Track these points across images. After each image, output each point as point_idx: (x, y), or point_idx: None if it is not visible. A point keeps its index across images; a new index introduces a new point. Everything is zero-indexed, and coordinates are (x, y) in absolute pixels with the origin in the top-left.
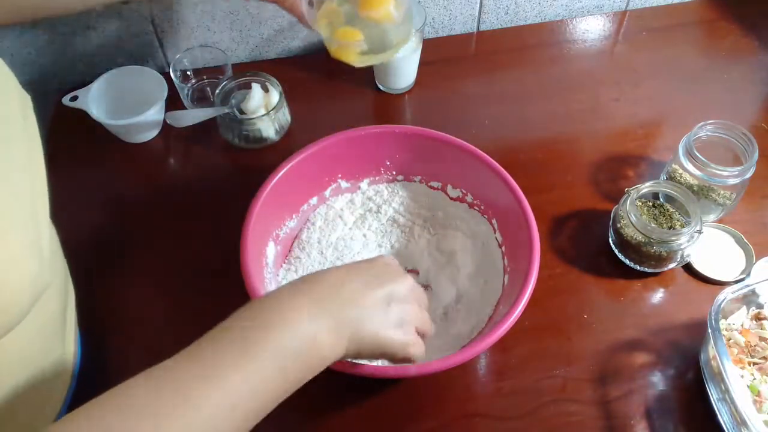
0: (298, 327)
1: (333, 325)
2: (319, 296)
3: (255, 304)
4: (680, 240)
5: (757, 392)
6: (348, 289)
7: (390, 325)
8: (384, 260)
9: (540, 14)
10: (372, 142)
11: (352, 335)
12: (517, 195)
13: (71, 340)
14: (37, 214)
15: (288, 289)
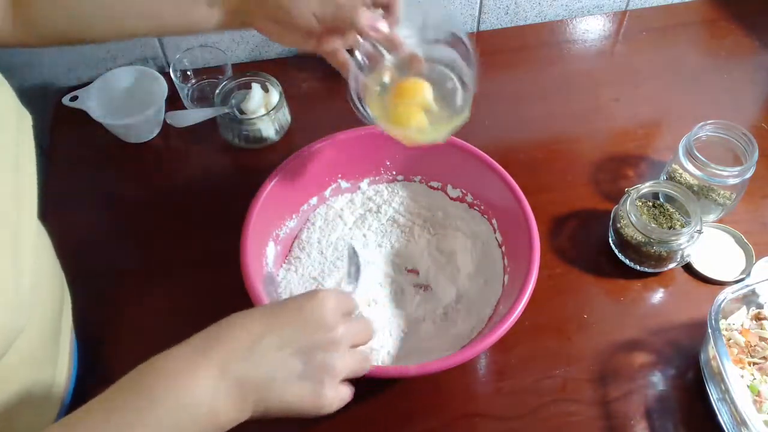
0: (192, 395)
1: (236, 391)
2: (225, 357)
3: (147, 368)
4: (680, 240)
5: (757, 392)
6: (260, 350)
7: (303, 388)
8: (316, 303)
9: (540, 14)
10: (372, 142)
11: (257, 400)
12: (517, 195)
13: (66, 348)
14: (19, 252)
15: (191, 348)
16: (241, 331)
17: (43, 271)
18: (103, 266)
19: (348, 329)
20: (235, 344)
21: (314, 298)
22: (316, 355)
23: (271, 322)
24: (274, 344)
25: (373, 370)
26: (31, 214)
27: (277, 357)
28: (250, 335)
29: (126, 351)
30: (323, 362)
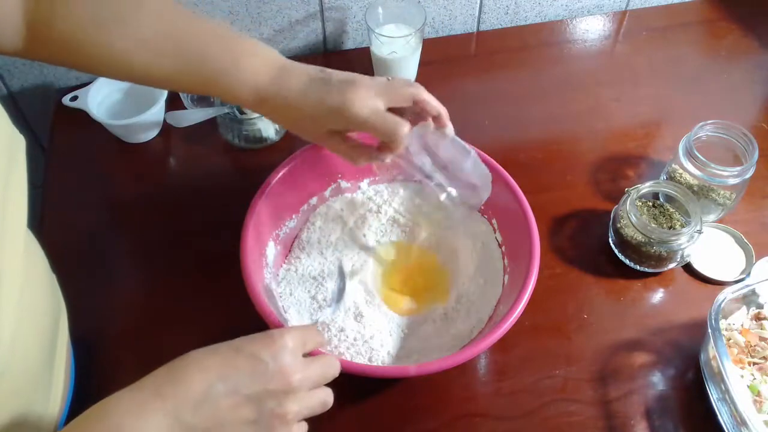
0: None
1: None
2: (177, 405)
3: (98, 411)
4: (680, 240)
5: (757, 392)
6: (213, 398)
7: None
8: (273, 350)
9: (540, 14)
10: (372, 142)
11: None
12: (517, 195)
13: (61, 368)
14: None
15: (143, 393)
16: (195, 377)
17: (36, 290)
18: (102, 266)
19: (306, 374)
20: (189, 391)
21: (272, 344)
22: (268, 403)
23: (226, 368)
24: (227, 391)
25: (373, 369)
26: (14, 244)
27: (229, 405)
28: (204, 382)
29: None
30: (275, 410)
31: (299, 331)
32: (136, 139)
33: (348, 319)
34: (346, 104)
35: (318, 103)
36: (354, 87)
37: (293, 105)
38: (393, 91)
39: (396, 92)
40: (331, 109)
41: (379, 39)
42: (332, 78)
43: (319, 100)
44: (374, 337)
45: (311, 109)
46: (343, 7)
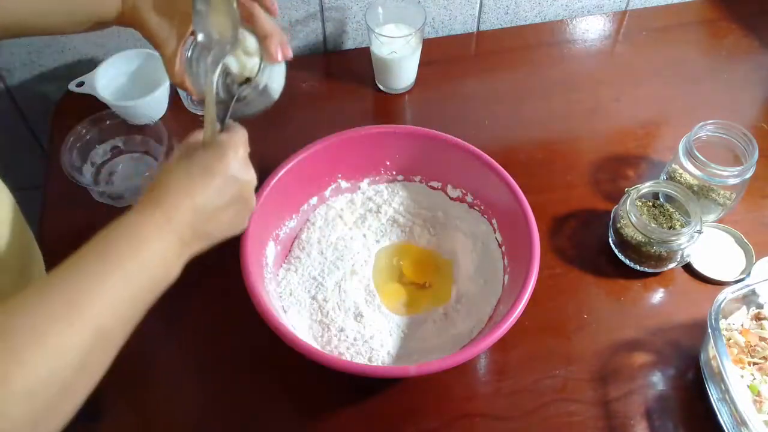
0: (151, 259)
1: (186, 250)
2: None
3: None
4: (680, 240)
5: (757, 392)
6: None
7: (235, 227)
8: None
9: (540, 14)
10: (372, 142)
11: (200, 247)
12: (517, 195)
13: None
14: None
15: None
16: (184, 202)
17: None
18: None
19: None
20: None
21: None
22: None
23: (204, 189)
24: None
25: (373, 369)
26: None
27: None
28: (191, 207)
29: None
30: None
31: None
32: (142, 121)
33: (348, 319)
34: None
35: None
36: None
37: None
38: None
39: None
40: None
41: (379, 39)
42: None
43: None
44: (374, 337)
45: None
46: (343, 7)
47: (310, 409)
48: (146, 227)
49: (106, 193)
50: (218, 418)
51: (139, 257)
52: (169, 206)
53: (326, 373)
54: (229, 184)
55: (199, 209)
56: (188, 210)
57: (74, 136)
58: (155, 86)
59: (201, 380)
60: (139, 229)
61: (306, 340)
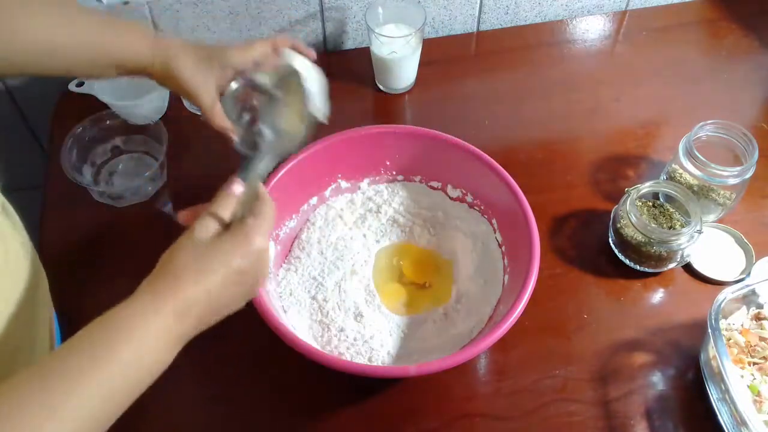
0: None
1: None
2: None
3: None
4: (680, 240)
5: (757, 392)
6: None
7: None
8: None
9: (540, 14)
10: (372, 142)
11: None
12: (517, 195)
13: (45, 326)
14: None
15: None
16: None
17: (10, 255)
18: (103, 266)
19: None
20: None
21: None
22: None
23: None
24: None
25: (373, 369)
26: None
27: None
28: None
29: None
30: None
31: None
32: (142, 120)
33: (348, 319)
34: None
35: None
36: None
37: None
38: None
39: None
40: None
41: (379, 39)
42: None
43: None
44: (374, 337)
45: None
46: (343, 7)
47: (310, 409)
48: (152, 322)
49: (106, 193)
50: (218, 418)
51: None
52: (180, 298)
53: (326, 373)
54: (249, 269)
55: (213, 302)
56: (201, 303)
57: (74, 136)
58: (155, 86)
59: (201, 380)
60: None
61: (306, 340)
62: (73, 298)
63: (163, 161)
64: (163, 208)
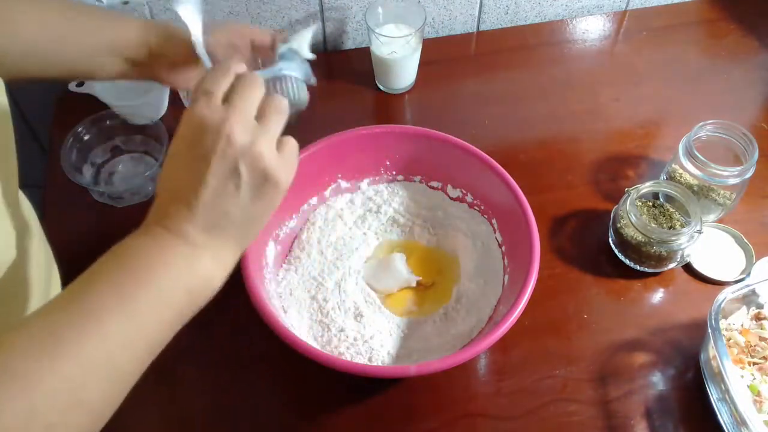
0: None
1: (208, 251)
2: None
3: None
4: (680, 240)
5: (757, 392)
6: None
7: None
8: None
9: (540, 14)
10: (372, 142)
11: (230, 240)
12: (517, 195)
13: None
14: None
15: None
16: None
17: (28, 240)
18: None
19: (234, 110)
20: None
21: (185, 118)
22: (231, 162)
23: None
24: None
25: (373, 369)
26: (9, 185)
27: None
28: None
29: None
30: (246, 163)
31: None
32: (142, 120)
33: (348, 319)
34: None
35: None
36: None
37: None
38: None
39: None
40: None
41: (379, 39)
42: None
43: None
44: (374, 337)
45: None
46: (343, 7)
47: (310, 409)
48: (153, 249)
49: (106, 193)
50: (218, 418)
51: (153, 285)
52: (164, 215)
53: (326, 373)
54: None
55: (192, 204)
56: (182, 210)
57: (74, 136)
58: (155, 86)
59: (200, 380)
60: (147, 253)
61: (306, 340)
62: None
63: (163, 161)
64: None
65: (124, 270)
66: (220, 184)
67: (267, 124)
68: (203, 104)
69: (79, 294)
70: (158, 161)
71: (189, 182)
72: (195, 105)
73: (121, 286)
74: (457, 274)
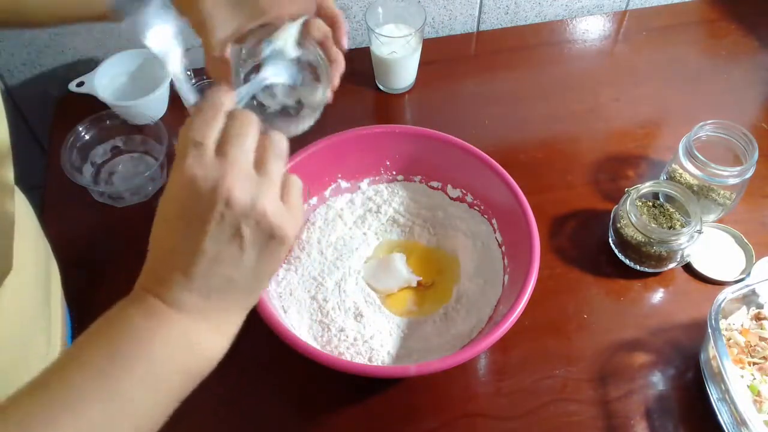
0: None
1: (205, 324)
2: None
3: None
4: (680, 240)
5: (757, 392)
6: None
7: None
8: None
9: (540, 14)
10: (372, 142)
11: (233, 308)
12: (517, 195)
13: (58, 322)
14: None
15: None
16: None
17: (25, 235)
18: (103, 266)
19: (231, 165)
20: (171, 281)
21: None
22: (231, 225)
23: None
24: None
25: (373, 369)
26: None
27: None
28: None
29: None
30: (249, 224)
31: (193, 124)
32: (142, 120)
33: (348, 319)
34: None
35: None
36: None
37: None
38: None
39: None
40: None
41: (379, 39)
42: None
43: None
44: (374, 337)
45: None
46: (343, 7)
47: (310, 409)
48: (144, 322)
49: (106, 193)
50: (217, 418)
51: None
52: (157, 281)
53: (326, 373)
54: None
55: (189, 271)
56: (177, 276)
57: (74, 136)
58: (155, 86)
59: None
60: (137, 326)
61: (306, 340)
62: (75, 299)
63: (163, 161)
64: None
65: (112, 347)
66: (221, 249)
67: (267, 174)
68: (194, 161)
69: (60, 378)
70: (158, 161)
71: (184, 248)
72: (184, 161)
73: (105, 369)
74: (457, 274)
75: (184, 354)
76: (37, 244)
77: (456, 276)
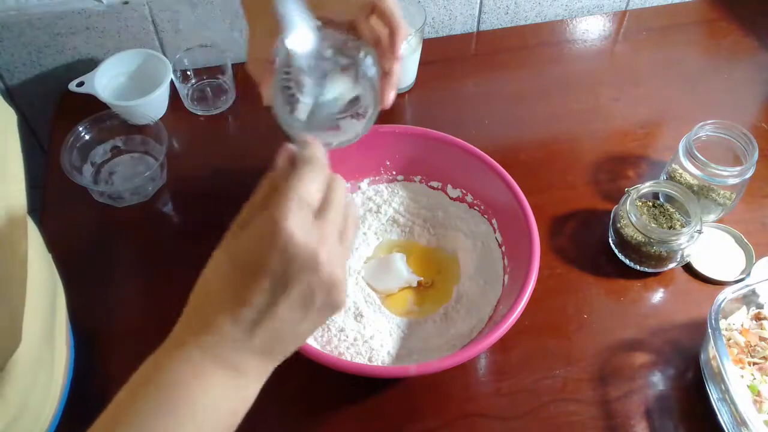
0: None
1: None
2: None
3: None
4: (680, 240)
5: (757, 392)
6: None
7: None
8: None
9: (540, 14)
10: (372, 142)
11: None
12: (517, 195)
13: (62, 347)
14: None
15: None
16: (219, 319)
17: (35, 268)
18: (103, 266)
19: (327, 238)
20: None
21: (275, 245)
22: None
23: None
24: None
25: (373, 369)
26: (20, 218)
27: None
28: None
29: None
30: (322, 292)
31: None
32: (142, 120)
33: (348, 319)
34: None
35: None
36: None
37: None
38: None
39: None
40: None
41: None
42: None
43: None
44: (374, 337)
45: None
46: None
47: (310, 409)
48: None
49: (106, 193)
50: None
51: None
52: (206, 329)
53: (326, 373)
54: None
55: (252, 330)
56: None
57: (74, 136)
58: (155, 86)
59: None
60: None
61: None
62: (75, 299)
63: (163, 161)
64: (163, 208)
65: (160, 407)
66: (291, 311)
67: (346, 244)
68: (299, 222)
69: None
70: (158, 161)
71: (255, 303)
72: (287, 217)
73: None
74: (457, 274)
75: (232, 402)
76: (45, 269)
77: (456, 276)
